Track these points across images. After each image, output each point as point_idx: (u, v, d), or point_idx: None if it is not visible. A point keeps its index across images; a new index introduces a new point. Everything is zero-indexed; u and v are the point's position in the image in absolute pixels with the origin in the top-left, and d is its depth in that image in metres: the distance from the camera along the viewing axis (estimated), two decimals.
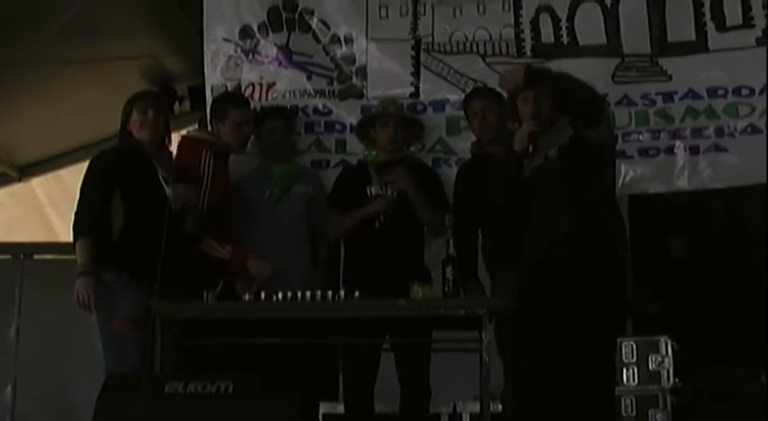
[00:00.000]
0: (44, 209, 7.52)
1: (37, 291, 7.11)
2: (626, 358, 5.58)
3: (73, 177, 7.34)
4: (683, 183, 5.19)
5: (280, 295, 4.37)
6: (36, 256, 7.35)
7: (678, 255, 6.94)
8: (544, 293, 4.20)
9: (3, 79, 6.32)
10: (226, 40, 5.50)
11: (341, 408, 5.09)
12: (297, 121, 5.34)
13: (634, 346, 5.59)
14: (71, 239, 7.25)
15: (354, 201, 4.94)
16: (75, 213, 4.57)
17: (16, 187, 7.46)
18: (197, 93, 6.30)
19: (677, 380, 5.56)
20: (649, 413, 5.49)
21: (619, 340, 5.54)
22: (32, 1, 5.72)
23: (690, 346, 5.71)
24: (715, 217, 6.70)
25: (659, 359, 5.56)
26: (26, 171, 7.43)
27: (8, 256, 7.37)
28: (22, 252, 7.33)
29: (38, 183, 7.48)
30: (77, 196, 4.61)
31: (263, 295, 4.42)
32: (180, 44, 6.67)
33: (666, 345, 5.60)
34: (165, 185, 4.59)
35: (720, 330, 6.33)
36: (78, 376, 6.70)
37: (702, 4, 5.20)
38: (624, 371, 5.56)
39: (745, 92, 5.13)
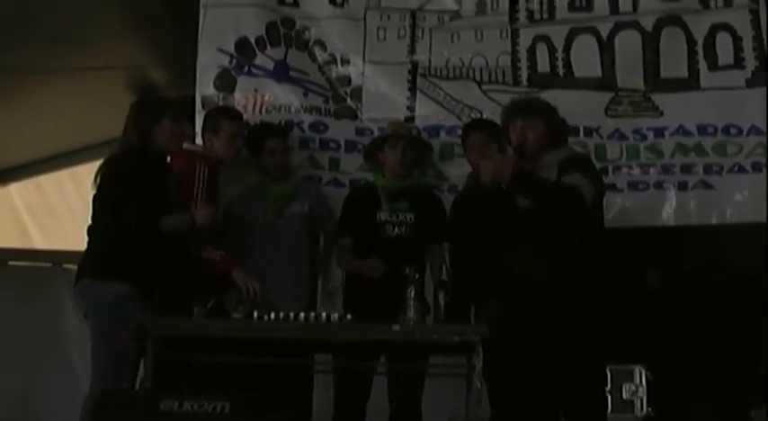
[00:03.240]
0: (21, 215, 7.43)
1: (10, 298, 6.98)
2: None
3: (51, 185, 7.33)
4: (670, 218, 5.26)
5: (272, 315, 4.35)
6: (10, 263, 7.23)
7: (654, 287, 6.99)
8: (531, 322, 4.27)
9: None
10: (221, 50, 5.46)
11: None
12: (292, 137, 5.33)
13: (608, 375, 5.60)
14: (46, 247, 7.31)
15: (364, 226, 4.94)
16: (116, 222, 4.41)
17: None
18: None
19: (650, 409, 5.59)
20: None
21: None
22: (19, 9, 5.66)
23: (664, 377, 5.75)
24: (690, 251, 6.76)
25: (633, 388, 5.58)
26: (4, 176, 7.34)
27: None
28: None
29: (16, 189, 7.39)
30: (105, 200, 4.45)
31: (255, 314, 4.39)
32: (165, 55, 6.63)
33: (641, 375, 5.63)
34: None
35: (695, 362, 6.39)
36: (50, 384, 6.59)
37: (696, 43, 5.30)
38: None
39: (733, 131, 5.22)
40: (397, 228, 4.92)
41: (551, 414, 4.33)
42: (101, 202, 4.46)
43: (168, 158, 4.72)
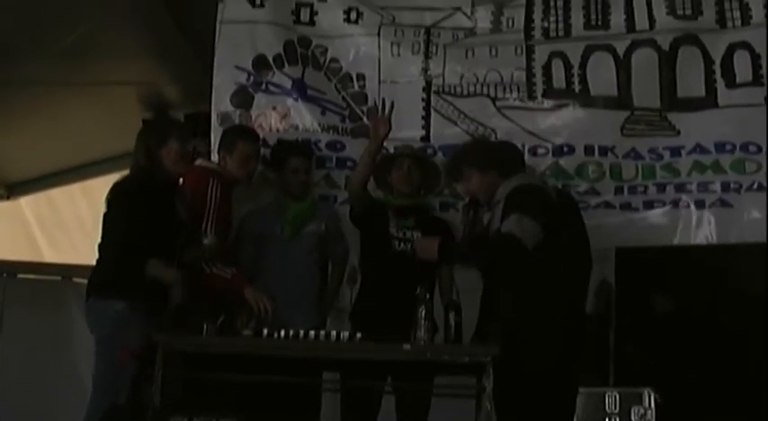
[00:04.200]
0: (31, 228, 7.43)
1: (19, 311, 6.97)
2: (609, 408, 5.53)
3: (63, 199, 7.33)
4: (687, 238, 5.19)
5: (282, 333, 4.31)
6: (20, 276, 7.21)
7: (665, 309, 6.94)
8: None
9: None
10: (238, 67, 5.42)
11: None
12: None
13: (617, 397, 5.54)
14: (56, 260, 7.30)
15: (372, 242, 4.98)
16: (121, 242, 4.41)
17: (3, 205, 7.38)
18: (192, 121, 6.23)
19: None
20: None
21: (602, 390, 5.55)
22: (32, 24, 5.68)
23: (673, 400, 5.70)
24: (703, 271, 6.70)
25: (642, 411, 5.52)
26: (15, 189, 7.35)
27: None
28: (6, 271, 7.17)
29: (26, 203, 7.41)
30: (111, 220, 4.47)
31: (264, 332, 4.35)
32: (178, 71, 6.63)
33: (650, 397, 5.57)
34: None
35: (704, 385, 6.33)
36: (59, 396, 6.57)
37: (713, 61, 5.23)
38: None
39: (752, 148, 5.15)
40: (402, 244, 4.93)
41: None
42: (107, 222, 4.48)
43: (180, 179, 4.71)
